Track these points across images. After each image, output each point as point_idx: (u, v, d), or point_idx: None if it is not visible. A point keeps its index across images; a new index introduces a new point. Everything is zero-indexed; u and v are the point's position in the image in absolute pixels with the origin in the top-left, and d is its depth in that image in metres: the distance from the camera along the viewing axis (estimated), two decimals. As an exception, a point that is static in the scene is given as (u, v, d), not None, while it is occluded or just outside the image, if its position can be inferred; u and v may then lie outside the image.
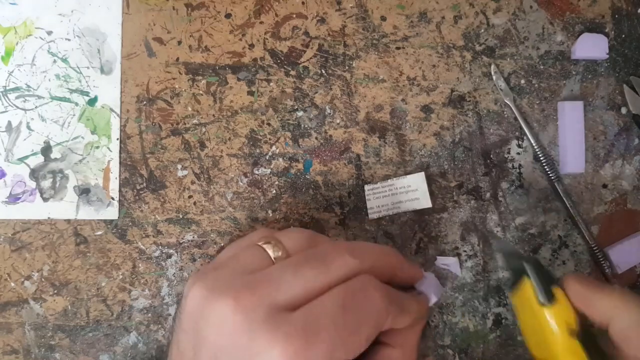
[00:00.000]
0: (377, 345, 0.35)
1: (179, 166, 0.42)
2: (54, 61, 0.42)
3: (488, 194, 0.42)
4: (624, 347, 0.31)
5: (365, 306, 0.31)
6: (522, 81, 0.42)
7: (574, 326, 0.32)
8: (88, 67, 0.42)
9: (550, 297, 0.32)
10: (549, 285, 0.33)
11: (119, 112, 0.42)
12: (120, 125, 0.42)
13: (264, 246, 0.33)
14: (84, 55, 0.42)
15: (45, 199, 0.42)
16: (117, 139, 0.42)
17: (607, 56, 0.42)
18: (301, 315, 0.29)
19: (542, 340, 0.32)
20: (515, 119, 0.42)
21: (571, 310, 0.32)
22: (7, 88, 0.42)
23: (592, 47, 0.42)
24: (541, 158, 0.41)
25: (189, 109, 0.42)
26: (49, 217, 0.41)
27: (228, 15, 0.42)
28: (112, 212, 0.41)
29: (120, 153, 0.42)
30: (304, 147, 0.42)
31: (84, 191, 0.42)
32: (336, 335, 0.29)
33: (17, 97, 0.42)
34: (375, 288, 0.32)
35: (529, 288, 0.33)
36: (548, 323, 0.32)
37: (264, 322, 0.29)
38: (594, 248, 0.41)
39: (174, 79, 0.42)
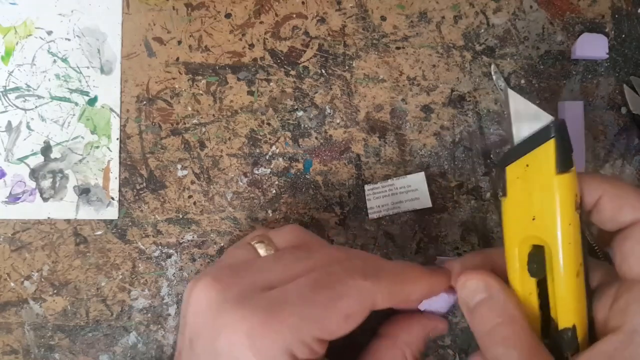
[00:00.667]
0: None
1: (179, 166, 0.42)
2: (54, 61, 0.42)
3: (488, 194, 0.42)
4: (607, 220, 0.29)
5: (343, 282, 0.29)
6: (522, 81, 0.42)
7: (578, 199, 0.29)
8: (88, 67, 0.42)
9: (571, 164, 0.29)
10: (571, 150, 0.29)
11: (119, 112, 0.42)
12: (120, 125, 0.42)
13: (256, 245, 0.33)
14: (84, 55, 0.42)
15: (45, 199, 0.42)
16: (117, 139, 0.42)
17: (607, 56, 0.42)
18: (273, 293, 0.29)
19: (542, 216, 0.29)
20: (515, 118, 0.42)
21: (577, 182, 0.29)
22: (7, 88, 0.42)
23: (592, 47, 0.41)
24: (541, 158, 0.41)
25: (189, 108, 0.42)
26: (48, 217, 0.41)
27: (228, 15, 0.42)
28: (112, 212, 0.41)
29: (120, 153, 0.42)
30: (304, 147, 0.42)
31: (83, 191, 0.42)
32: (304, 310, 0.28)
33: (17, 97, 0.42)
34: (355, 266, 0.31)
35: (550, 152, 0.29)
36: (561, 192, 0.28)
37: (235, 299, 0.29)
38: (594, 248, 0.41)
39: (174, 78, 0.42)
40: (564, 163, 0.28)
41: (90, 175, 0.42)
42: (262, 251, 0.33)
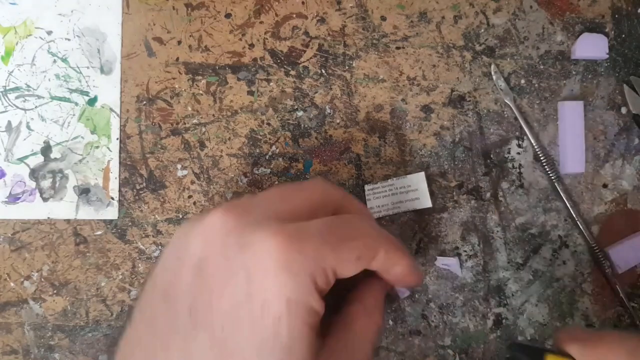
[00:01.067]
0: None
1: (179, 166, 0.42)
2: (54, 61, 0.42)
3: (488, 194, 0.42)
4: None
5: (356, 228, 0.31)
6: (522, 81, 0.42)
7: None
8: (88, 67, 0.42)
9: None
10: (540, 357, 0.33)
11: (118, 112, 0.42)
12: (120, 125, 0.42)
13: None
14: (84, 55, 0.42)
15: (45, 199, 0.42)
16: (117, 139, 0.42)
17: (607, 56, 0.42)
18: (294, 225, 0.29)
19: None
20: (516, 118, 0.42)
21: None
22: (7, 88, 0.42)
23: (592, 47, 0.41)
24: (541, 158, 0.41)
25: (189, 108, 0.42)
26: (48, 217, 0.41)
27: (228, 15, 0.42)
28: (111, 212, 0.41)
29: (120, 153, 0.42)
30: (304, 147, 0.42)
31: (83, 191, 0.42)
32: (324, 242, 0.29)
33: (17, 97, 0.42)
34: (369, 220, 0.32)
35: None
36: None
37: (257, 222, 0.29)
38: (594, 248, 0.41)
39: (173, 78, 0.42)
40: None
41: (90, 175, 0.42)
42: None
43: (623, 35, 0.42)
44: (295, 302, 0.28)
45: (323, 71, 0.42)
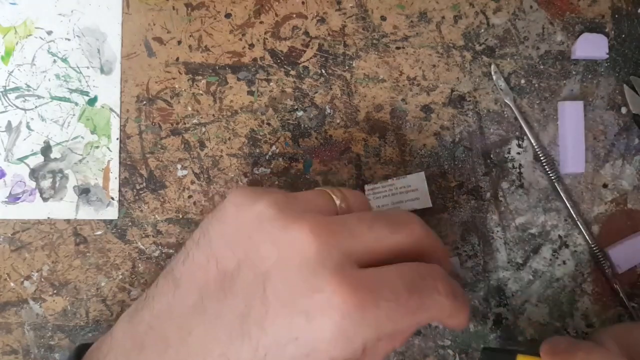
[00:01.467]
0: None
1: (179, 166, 0.42)
2: (54, 61, 0.42)
3: (488, 194, 0.42)
4: None
5: (429, 295, 0.29)
6: (522, 81, 0.42)
7: None
8: (88, 67, 0.42)
9: None
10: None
11: (118, 112, 0.42)
12: (120, 125, 0.42)
13: (333, 195, 0.32)
14: (84, 55, 0.42)
15: (45, 199, 0.42)
16: (117, 139, 0.42)
17: (607, 56, 0.42)
18: (370, 276, 0.28)
19: None
20: (516, 118, 0.42)
21: None
22: (7, 88, 0.42)
23: (592, 47, 0.41)
24: (541, 158, 0.41)
25: (189, 108, 0.42)
26: (48, 217, 0.41)
27: (228, 15, 0.42)
28: (111, 212, 0.41)
29: (120, 153, 0.42)
30: (304, 147, 0.42)
31: (83, 191, 0.42)
32: (394, 310, 0.28)
33: (17, 97, 0.42)
34: (444, 281, 0.30)
35: None
36: None
37: (335, 266, 0.27)
38: (594, 248, 0.41)
39: (173, 78, 0.42)
40: None
41: (90, 175, 0.42)
42: (338, 203, 0.32)
43: (623, 35, 0.42)
44: None
45: (323, 71, 0.42)
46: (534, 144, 0.41)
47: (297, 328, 0.27)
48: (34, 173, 0.42)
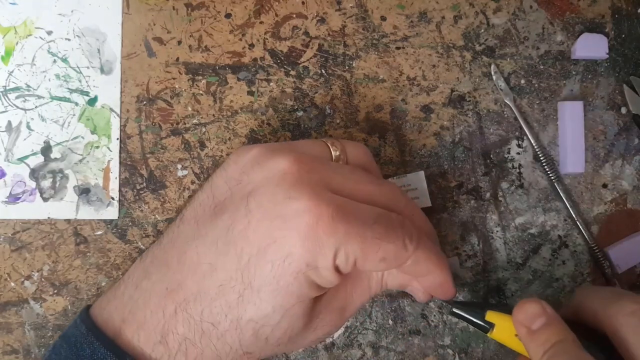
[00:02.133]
0: None
1: (179, 166, 0.42)
2: (54, 61, 0.42)
3: (488, 194, 0.42)
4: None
5: (393, 229, 0.32)
6: (522, 81, 0.42)
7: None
8: (88, 67, 0.42)
9: (488, 325, 0.34)
10: (480, 315, 0.34)
11: (119, 112, 0.42)
12: (120, 125, 0.42)
13: (330, 147, 0.35)
14: (84, 55, 0.42)
15: (45, 199, 0.42)
16: (117, 139, 0.42)
17: (607, 56, 0.42)
18: (343, 199, 0.31)
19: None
20: (515, 119, 0.42)
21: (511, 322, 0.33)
22: (7, 88, 0.42)
23: (592, 47, 0.42)
24: (541, 158, 0.41)
25: (189, 109, 0.42)
26: (48, 217, 0.41)
27: (228, 15, 0.42)
28: (112, 212, 0.41)
29: (120, 153, 0.42)
30: (304, 147, 0.42)
31: (83, 191, 0.42)
32: (361, 228, 0.30)
33: (17, 97, 0.42)
34: (410, 226, 0.33)
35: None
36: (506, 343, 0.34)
37: (310, 184, 0.31)
38: (594, 248, 0.41)
39: (174, 79, 0.42)
40: (485, 327, 0.35)
41: (90, 175, 0.42)
42: (335, 153, 0.35)
43: (623, 35, 0.42)
44: (313, 269, 0.30)
45: (323, 71, 0.42)
46: (534, 144, 0.41)
47: (275, 230, 0.30)
48: (34, 173, 0.42)
